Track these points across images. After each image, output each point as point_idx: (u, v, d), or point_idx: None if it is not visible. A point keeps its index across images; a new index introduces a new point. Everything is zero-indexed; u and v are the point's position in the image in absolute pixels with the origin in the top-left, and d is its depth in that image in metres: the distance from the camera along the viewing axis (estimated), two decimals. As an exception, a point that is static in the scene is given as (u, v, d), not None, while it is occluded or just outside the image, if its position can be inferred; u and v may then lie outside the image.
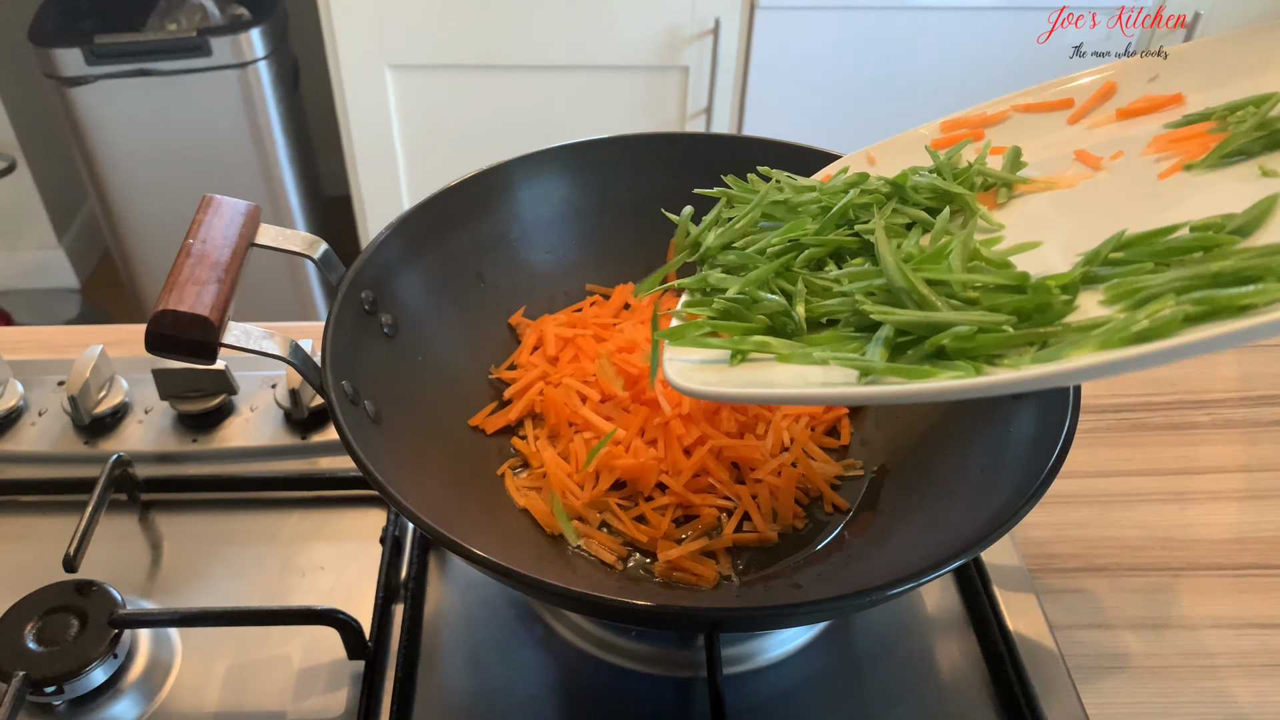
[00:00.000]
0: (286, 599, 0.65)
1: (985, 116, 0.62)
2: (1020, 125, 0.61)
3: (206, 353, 0.50)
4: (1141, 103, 0.56)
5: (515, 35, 1.73)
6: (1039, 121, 0.60)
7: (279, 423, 0.76)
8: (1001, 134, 0.60)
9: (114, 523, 0.70)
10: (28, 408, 0.77)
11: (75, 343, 0.87)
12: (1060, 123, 0.59)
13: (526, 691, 0.60)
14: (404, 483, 0.52)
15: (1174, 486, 0.75)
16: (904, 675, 0.61)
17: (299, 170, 2.08)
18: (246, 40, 1.85)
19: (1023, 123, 0.61)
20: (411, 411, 0.64)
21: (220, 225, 0.55)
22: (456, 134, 1.87)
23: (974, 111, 0.63)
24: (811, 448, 0.67)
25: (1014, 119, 0.61)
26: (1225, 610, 0.66)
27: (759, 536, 0.62)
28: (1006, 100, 0.62)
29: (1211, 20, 1.70)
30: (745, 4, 1.70)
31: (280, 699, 0.59)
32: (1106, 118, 0.57)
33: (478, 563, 0.47)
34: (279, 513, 0.71)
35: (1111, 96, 0.58)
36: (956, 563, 0.46)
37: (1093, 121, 0.58)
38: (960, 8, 1.69)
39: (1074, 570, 0.69)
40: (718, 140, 0.76)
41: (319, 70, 1.90)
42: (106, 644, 0.58)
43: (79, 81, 1.83)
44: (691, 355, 0.52)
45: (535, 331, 0.73)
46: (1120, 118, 0.56)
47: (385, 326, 0.64)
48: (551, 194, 0.75)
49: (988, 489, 0.55)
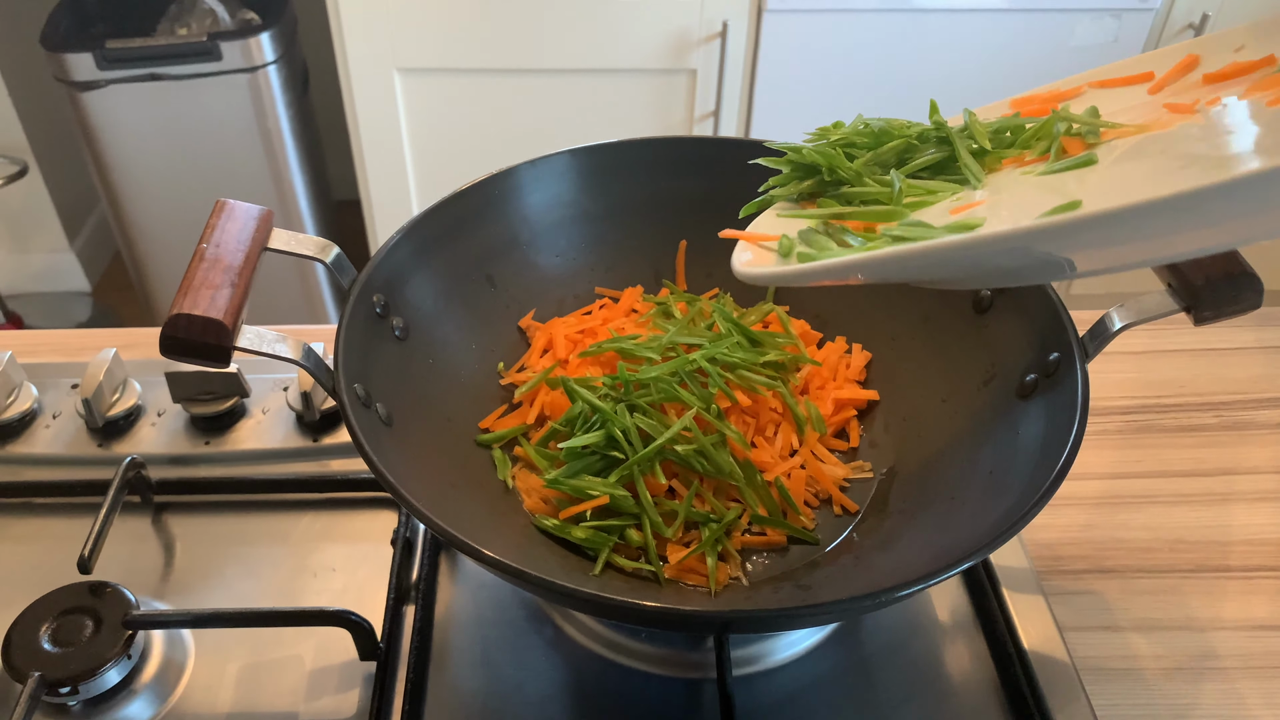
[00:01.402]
0: (299, 600, 0.65)
1: (1059, 93, 0.58)
2: (1097, 99, 0.56)
3: (220, 356, 0.51)
4: (1230, 68, 0.51)
5: (523, 39, 1.74)
6: (1117, 95, 0.56)
7: (291, 425, 0.77)
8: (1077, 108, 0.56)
9: (127, 524, 0.70)
10: (42, 410, 0.78)
11: (89, 346, 0.87)
12: (1141, 95, 0.55)
13: (537, 692, 0.60)
14: (415, 484, 0.53)
15: (1182, 489, 0.75)
16: (913, 677, 0.61)
17: (308, 174, 2.08)
18: (256, 45, 1.86)
19: (1100, 97, 0.56)
20: (422, 414, 0.64)
21: (233, 230, 0.56)
22: (465, 138, 1.87)
23: (1045, 89, 0.59)
24: (821, 450, 0.67)
25: (1089, 94, 0.57)
26: (1234, 613, 0.66)
27: (768, 539, 0.62)
28: (1080, 77, 0.58)
29: (1219, 22, 1.70)
30: (753, 7, 1.70)
31: (292, 699, 0.60)
32: (1193, 83, 0.53)
33: (488, 563, 0.47)
34: (291, 514, 0.71)
35: (1195, 69, 0.54)
36: (965, 565, 0.46)
37: (1177, 90, 0.53)
38: (967, 10, 1.70)
39: (1083, 572, 0.69)
40: (725, 143, 0.77)
41: (328, 74, 1.91)
42: (121, 645, 0.58)
43: (90, 86, 1.84)
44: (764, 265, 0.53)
45: (545, 334, 0.73)
46: (1207, 83, 0.52)
47: (396, 329, 0.65)
48: (561, 198, 0.75)
49: (996, 491, 0.55)
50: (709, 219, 0.73)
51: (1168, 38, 1.73)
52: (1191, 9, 1.70)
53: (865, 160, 0.56)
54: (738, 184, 0.69)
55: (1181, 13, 1.71)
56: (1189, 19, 1.71)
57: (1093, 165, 0.49)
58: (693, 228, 0.77)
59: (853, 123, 0.58)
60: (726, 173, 0.74)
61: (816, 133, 0.59)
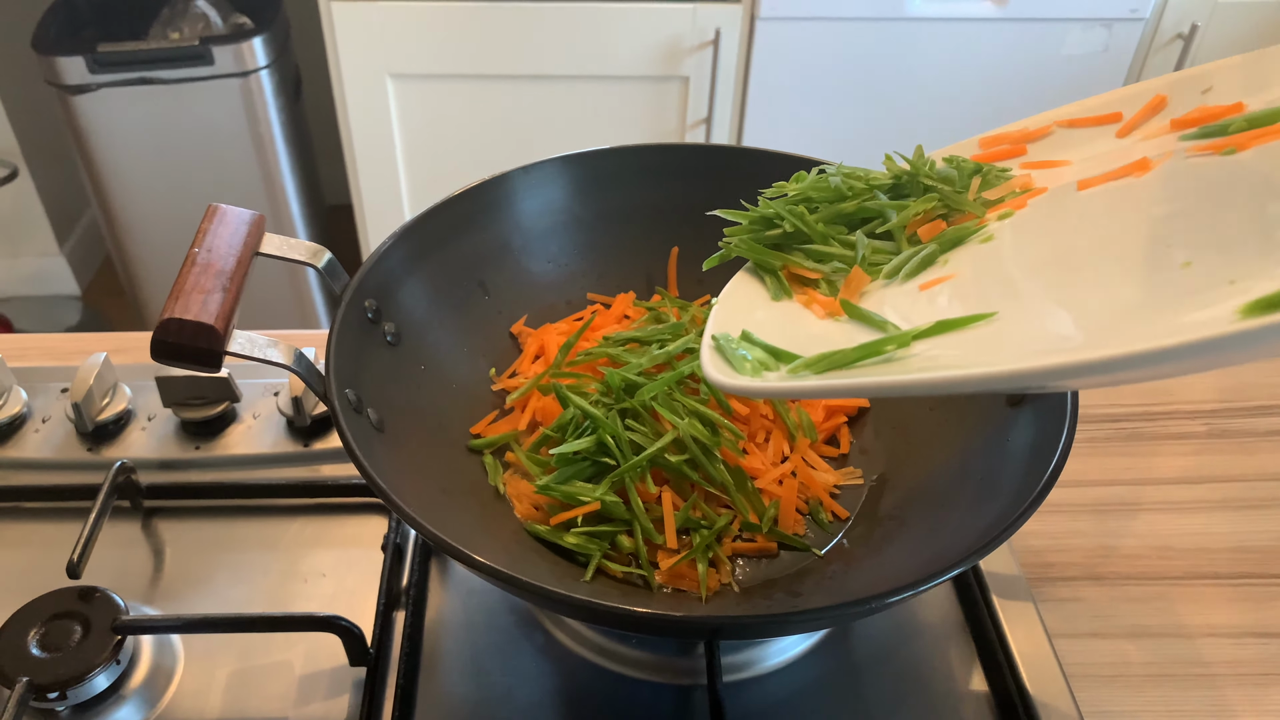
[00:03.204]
0: (288, 605, 0.65)
1: (1027, 132, 0.59)
2: (1065, 140, 0.57)
3: (212, 361, 0.51)
4: (1197, 113, 0.51)
5: (516, 45, 1.74)
6: (1085, 136, 0.57)
7: (281, 430, 0.76)
8: (1045, 149, 0.58)
9: (117, 529, 0.70)
10: (31, 414, 0.77)
11: (79, 350, 0.87)
12: (1108, 137, 0.56)
13: (527, 698, 0.60)
14: (406, 490, 0.53)
15: (1172, 496, 0.75)
16: (903, 683, 0.62)
17: (300, 178, 2.08)
18: (249, 49, 1.86)
19: (1067, 138, 0.57)
20: (414, 419, 0.64)
21: (225, 234, 0.56)
22: (457, 143, 1.87)
23: (1014, 127, 0.60)
24: (811, 456, 0.67)
25: (1057, 134, 0.58)
26: (1223, 619, 0.66)
27: (759, 545, 0.62)
28: (1048, 116, 0.59)
29: (1209, 33, 1.71)
30: (745, 14, 1.70)
31: (282, 705, 0.60)
32: (1160, 128, 0.53)
33: (479, 569, 0.47)
34: (281, 520, 0.71)
35: (1162, 109, 0.54)
36: (955, 571, 0.46)
37: (1145, 134, 0.54)
38: (960, 19, 1.70)
39: (1072, 579, 0.69)
40: (717, 151, 0.77)
41: (321, 79, 1.91)
42: (109, 650, 0.58)
43: (81, 89, 1.84)
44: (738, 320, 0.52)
45: (537, 340, 0.73)
46: (1174, 129, 0.52)
47: (388, 335, 0.65)
48: (553, 204, 0.75)
49: (986, 498, 0.55)
50: (701, 226, 0.73)
51: (1157, 47, 1.74)
52: (1180, 19, 1.71)
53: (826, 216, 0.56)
54: (729, 191, 0.70)
55: (1171, 23, 1.72)
56: (1178, 29, 1.72)
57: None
58: (685, 234, 0.77)
59: (812, 177, 0.59)
60: (718, 180, 0.75)
61: (775, 189, 0.59)
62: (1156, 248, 0.43)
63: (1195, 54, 1.73)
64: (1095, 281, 0.44)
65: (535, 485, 0.62)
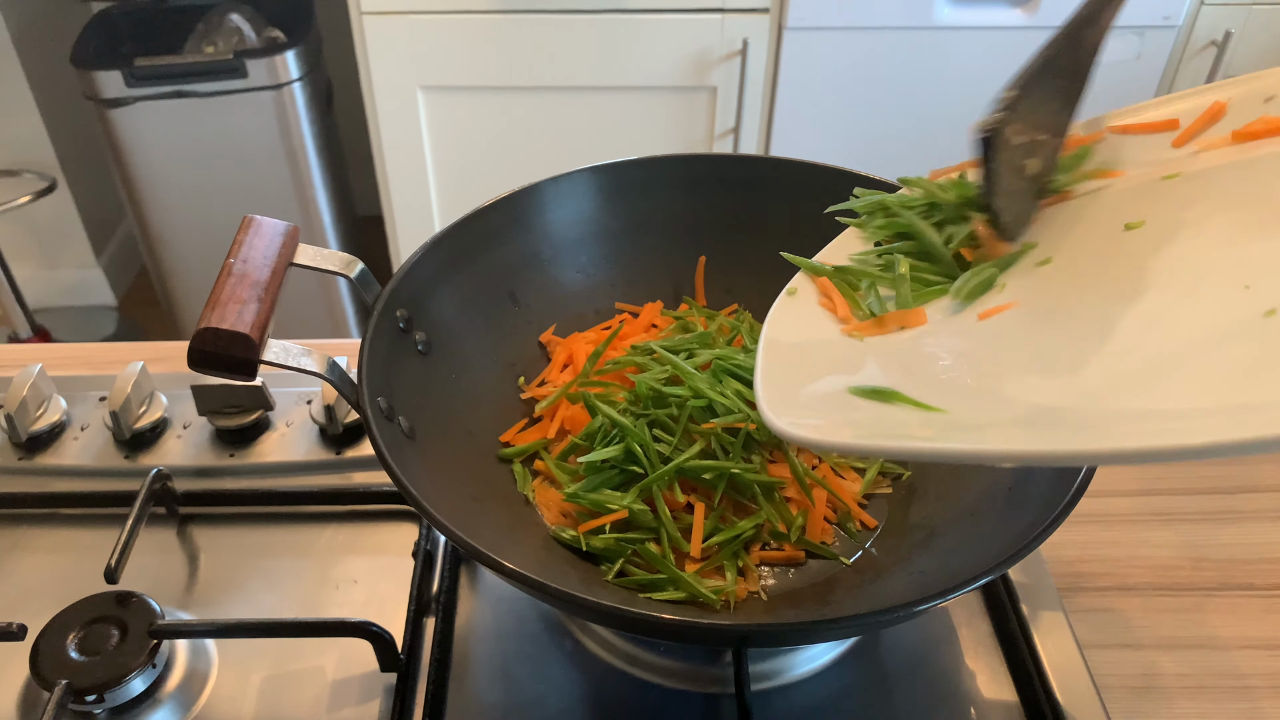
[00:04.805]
0: (320, 611, 0.66)
1: (1078, 139, 0.56)
2: (1118, 147, 0.55)
3: (247, 369, 0.52)
4: (1260, 124, 0.49)
5: (545, 57, 1.75)
6: (1139, 143, 0.54)
7: (314, 438, 0.77)
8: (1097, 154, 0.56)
9: (153, 535, 0.71)
10: (70, 422, 0.79)
11: (116, 359, 0.89)
12: (1164, 145, 0.53)
13: (556, 705, 0.61)
14: (437, 497, 0.53)
15: (1205, 506, 0.74)
16: (931, 693, 0.61)
17: (332, 190, 2.11)
18: (282, 62, 1.89)
19: (1121, 144, 0.55)
20: (444, 427, 0.65)
21: (260, 245, 0.57)
22: (487, 155, 1.89)
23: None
24: (840, 465, 0.67)
25: (1110, 141, 0.56)
26: (1258, 631, 0.66)
27: (787, 554, 0.62)
28: (1100, 120, 0.57)
29: (1243, 40, 1.69)
30: (773, 25, 1.71)
31: (314, 710, 0.60)
32: (1220, 139, 0.51)
33: (509, 576, 0.47)
34: (314, 527, 0.72)
35: (1221, 118, 0.52)
36: (983, 580, 0.46)
37: (1203, 144, 0.51)
38: (989, 27, 1.70)
39: (1104, 589, 0.69)
40: (745, 161, 0.77)
41: (352, 92, 1.93)
42: (146, 654, 0.59)
43: (119, 103, 1.87)
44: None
45: (565, 349, 0.74)
46: (1236, 141, 0.50)
47: (419, 344, 0.65)
48: (582, 214, 0.76)
49: (1015, 506, 0.55)
50: (728, 235, 0.74)
51: (1190, 54, 1.73)
52: (1214, 26, 1.69)
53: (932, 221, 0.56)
54: (757, 200, 0.70)
55: (1204, 30, 1.70)
56: (1212, 36, 1.70)
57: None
58: (712, 244, 0.77)
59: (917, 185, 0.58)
60: (746, 190, 0.75)
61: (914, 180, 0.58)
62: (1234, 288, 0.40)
63: (1229, 61, 1.71)
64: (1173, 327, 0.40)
65: (564, 493, 0.63)
